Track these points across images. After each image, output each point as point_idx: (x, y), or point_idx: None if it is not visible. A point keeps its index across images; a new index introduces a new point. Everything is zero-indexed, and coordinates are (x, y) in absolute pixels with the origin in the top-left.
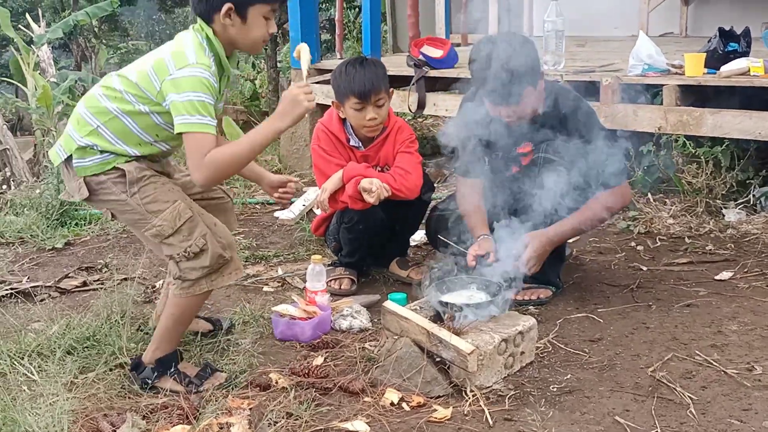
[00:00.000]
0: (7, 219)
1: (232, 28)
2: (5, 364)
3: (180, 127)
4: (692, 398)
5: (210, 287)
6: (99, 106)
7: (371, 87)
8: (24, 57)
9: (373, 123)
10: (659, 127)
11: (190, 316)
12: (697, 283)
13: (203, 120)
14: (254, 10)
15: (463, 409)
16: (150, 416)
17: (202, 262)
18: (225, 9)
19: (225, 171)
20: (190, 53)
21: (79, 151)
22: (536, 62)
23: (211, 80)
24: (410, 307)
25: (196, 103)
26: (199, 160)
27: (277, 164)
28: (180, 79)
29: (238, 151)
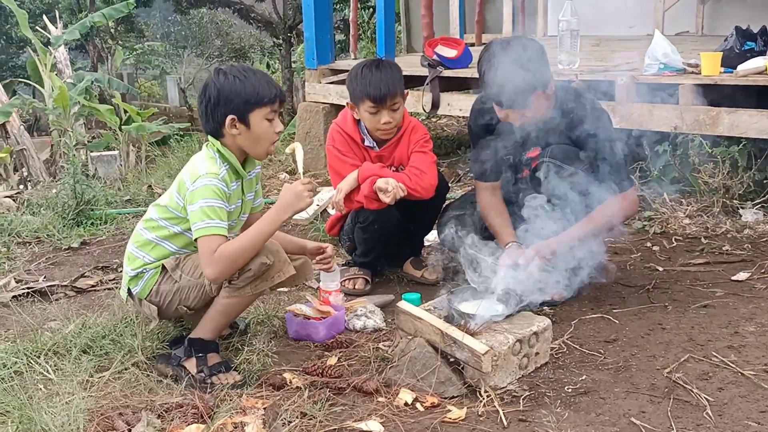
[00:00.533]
0: (24, 219)
1: (240, 137)
2: (22, 363)
3: (194, 233)
4: (709, 400)
5: (254, 291)
6: (142, 240)
7: (386, 91)
8: (41, 58)
9: (387, 127)
10: (675, 126)
11: (237, 312)
12: (713, 284)
13: (212, 223)
14: (255, 116)
15: (477, 409)
16: (165, 415)
17: (247, 274)
18: (229, 121)
19: (234, 263)
20: (201, 166)
21: (133, 280)
22: (545, 66)
23: (220, 186)
24: (424, 307)
25: (206, 209)
26: (209, 257)
27: (291, 164)
28: (193, 191)
29: (243, 244)
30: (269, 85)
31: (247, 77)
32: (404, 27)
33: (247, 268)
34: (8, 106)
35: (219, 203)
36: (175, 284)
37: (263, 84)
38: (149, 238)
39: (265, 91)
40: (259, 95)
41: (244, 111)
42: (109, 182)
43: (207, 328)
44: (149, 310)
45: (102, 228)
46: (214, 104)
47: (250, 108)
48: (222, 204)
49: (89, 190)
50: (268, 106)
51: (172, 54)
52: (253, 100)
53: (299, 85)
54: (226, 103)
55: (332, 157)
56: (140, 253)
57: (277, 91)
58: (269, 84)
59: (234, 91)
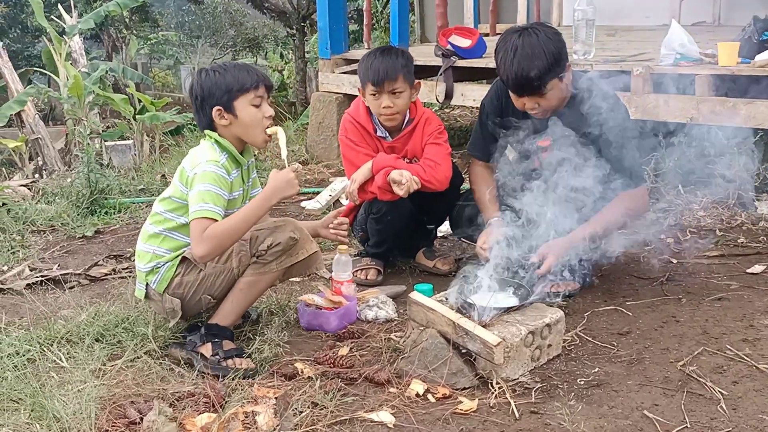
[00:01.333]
0: (39, 207)
1: (230, 126)
2: (35, 351)
3: (190, 216)
4: (723, 393)
5: (278, 267)
6: (149, 234)
7: (385, 75)
8: (56, 47)
9: (387, 111)
10: (691, 117)
11: (259, 292)
12: (728, 277)
13: (206, 207)
14: (239, 103)
15: (489, 401)
16: (177, 404)
17: (276, 248)
18: (215, 112)
19: (222, 243)
20: (201, 155)
21: (149, 275)
22: (563, 53)
23: (220, 173)
24: (436, 298)
25: (203, 193)
26: (198, 237)
27: (303, 154)
28: (195, 176)
29: (233, 224)
30: (249, 73)
31: (227, 70)
32: (418, 17)
33: (276, 242)
34: (23, 95)
35: (217, 189)
36: (200, 273)
37: (243, 73)
38: (156, 231)
39: (246, 78)
40: (239, 82)
41: (228, 100)
42: (123, 171)
43: (226, 312)
44: (172, 304)
45: (116, 217)
46: (200, 101)
47: (233, 96)
48: (220, 191)
49: (103, 179)
50: (251, 92)
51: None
52: (235, 87)
53: (312, 76)
54: (210, 96)
55: (345, 147)
56: (149, 247)
57: (258, 77)
58: (249, 72)
59: (215, 84)
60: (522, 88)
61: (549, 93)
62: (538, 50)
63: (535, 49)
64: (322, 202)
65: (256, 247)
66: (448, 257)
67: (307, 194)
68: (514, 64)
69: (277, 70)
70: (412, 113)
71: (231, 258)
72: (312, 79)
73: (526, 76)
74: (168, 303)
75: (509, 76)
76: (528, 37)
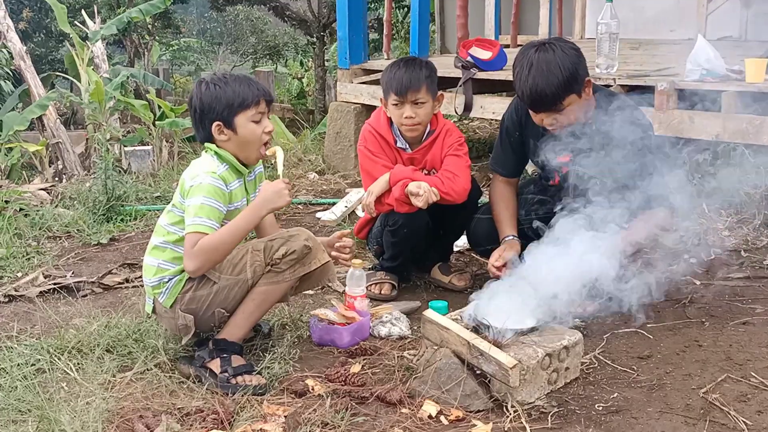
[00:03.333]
0: (55, 212)
1: (230, 142)
2: (45, 361)
3: (187, 228)
4: (747, 423)
5: (292, 276)
6: (154, 248)
7: (408, 85)
8: (78, 52)
9: (409, 122)
10: (717, 134)
11: (271, 303)
12: (753, 300)
13: (200, 221)
14: (239, 119)
15: (504, 425)
16: (185, 420)
17: (291, 256)
18: (215, 128)
19: (213, 257)
20: (199, 167)
21: (156, 290)
22: (580, 70)
23: (217, 185)
24: (451, 316)
25: (198, 207)
26: (189, 251)
27: (320, 164)
28: (192, 187)
29: (222, 237)
30: (250, 88)
31: (227, 83)
32: (438, 27)
33: (291, 250)
34: (45, 99)
35: (213, 202)
36: (213, 286)
37: (244, 87)
38: (160, 244)
39: (247, 93)
40: (240, 98)
41: (229, 116)
42: (142, 177)
43: (236, 325)
44: (185, 321)
45: (131, 224)
46: (200, 115)
47: (233, 112)
48: (216, 204)
49: (120, 186)
50: (252, 108)
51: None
52: (236, 104)
53: (332, 84)
54: (209, 111)
55: (364, 157)
56: (154, 260)
57: (259, 92)
58: (251, 86)
59: (215, 98)
60: (538, 105)
61: (566, 109)
62: (554, 66)
63: (551, 66)
64: (337, 213)
65: (271, 256)
66: (464, 273)
67: (323, 205)
68: (529, 81)
69: (297, 78)
70: (433, 125)
71: (245, 269)
72: (331, 87)
73: (541, 93)
74: (181, 319)
75: (524, 92)
76: (544, 53)
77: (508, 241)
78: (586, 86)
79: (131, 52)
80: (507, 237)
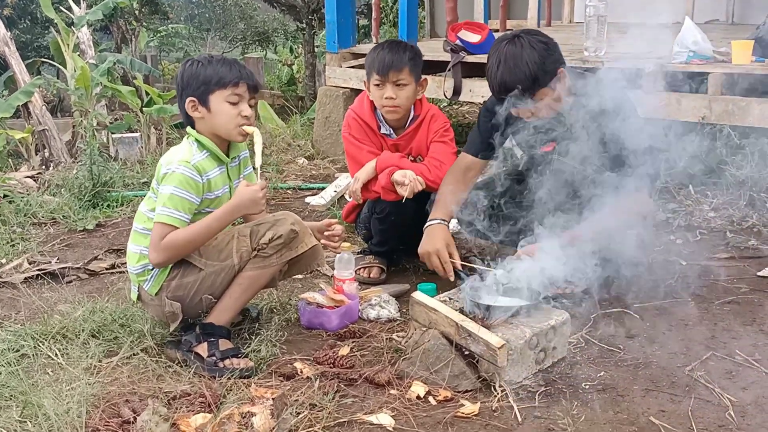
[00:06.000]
0: (40, 199)
1: (203, 120)
2: (28, 346)
3: (156, 216)
4: (732, 400)
5: (279, 261)
6: (135, 235)
7: (391, 65)
8: (64, 38)
9: (389, 102)
10: (703, 116)
11: (258, 287)
12: (738, 279)
13: (172, 213)
14: (215, 98)
15: (492, 404)
16: (172, 403)
17: (277, 241)
18: (188, 103)
19: (179, 253)
20: (175, 155)
21: (140, 277)
22: (548, 64)
23: (190, 175)
24: (439, 298)
25: (169, 197)
26: (156, 243)
27: (310, 149)
28: (164, 176)
29: (191, 236)
30: (232, 69)
31: (210, 62)
32: (428, 11)
33: (277, 235)
34: (30, 86)
35: (183, 193)
36: (200, 273)
37: (225, 67)
38: (139, 229)
39: (226, 73)
40: (218, 76)
41: (204, 93)
42: (130, 164)
43: (223, 309)
44: (172, 308)
45: (118, 210)
46: (180, 93)
47: (209, 90)
48: (187, 195)
49: (106, 172)
50: (229, 89)
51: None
52: (213, 81)
53: (322, 70)
54: (187, 87)
55: (349, 144)
56: (136, 247)
57: (241, 75)
58: (233, 68)
59: (194, 75)
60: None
61: (539, 103)
62: (521, 62)
63: (517, 61)
64: (326, 198)
65: (257, 241)
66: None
67: (312, 190)
68: (498, 76)
69: (287, 65)
70: (417, 110)
71: (231, 255)
72: (321, 73)
73: (509, 88)
74: (168, 307)
75: (494, 87)
76: (513, 46)
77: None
78: (560, 78)
79: (118, 39)
80: (434, 221)
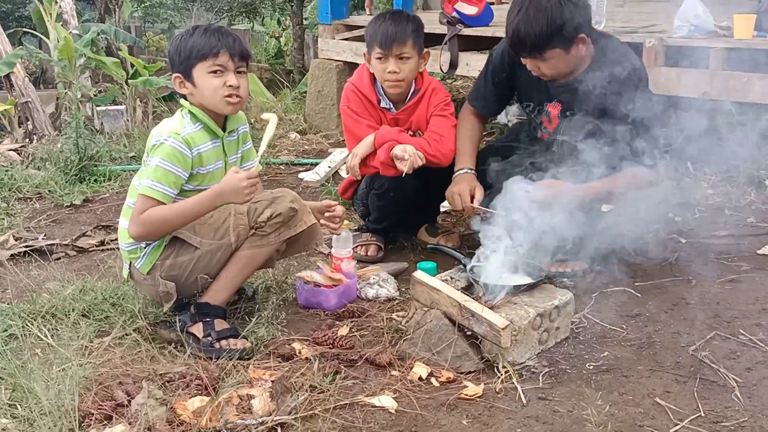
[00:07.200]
0: (25, 173)
1: (192, 96)
2: (17, 326)
3: (141, 188)
4: (737, 380)
5: (277, 239)
6: (127, 209)
7: (394, 37)
8: (46, 8)
9: (392, 77)
10: (704, 92)
11: (255, 266)
12: (738, 258)
13: (156, 186)
14: (197, 71)
15: (495, 386)
16: (167, 386)
17: (276, 219)
18: (174, 80)
19: (157, 230)
20: (166, 127)
21: (131, 254)
22: (570, 25)
23: (178, 148)
24: (441, 277)
25: (159, 170)
26: (136, 216)
27: (302, 124)
28: (153, 147)
29: (171, 215)
30: (211, 38)
31: (193, 35)
32: None
33: (276, 213)
34: (12, 57)
35: (169, 166)
36: (195, 252)
37: (204, 38)
38: (130, 204)
39: (205, 44)
40: (197, 48)
41: (186, 68)
42: (115, 138)
43: (219, 288)
44: (166, 288)
45: (105, 185)
46: (171, 68)
47: (191, 64)
48: (173, 168)
49: (92, 146)
50: (210, 60)
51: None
52: (193, 54)
53: (311, 43)
54: (173, 63)
55: (347, 117)
56: (128, 223)
57: (219, 43)
58: (212, 37)
59: (176, 50)
60: (516, 48)
61: (549, 61)
62: (542, 15)
63: (538, 13)
64: (320, 173)
65: (255, 219)
66: (452, 234)
67: (305, 165)
68: (514, 23)
69: (275, 37)
70: (418, 83)
71: (228, 233)
72: (310, 46)
73: (521, 38)
74: (162, 287)
75: (507, 32)
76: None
77: (461, 174)
78: (578, 43)
79: (101, 8)
80: (461, 170)
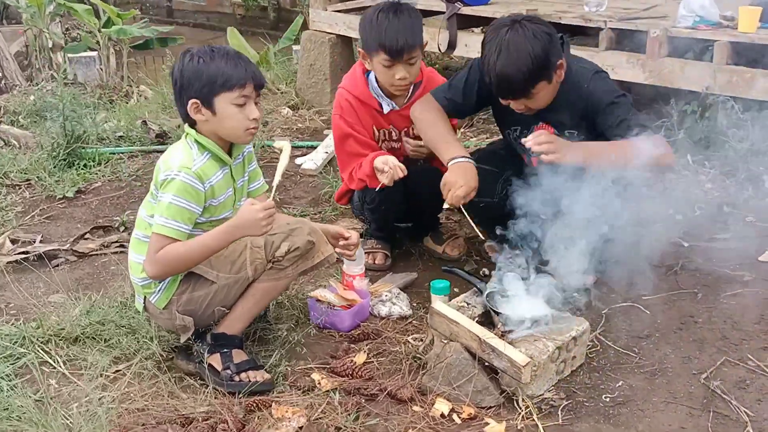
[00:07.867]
0: (9, 157)
1: (207, 123)
2: (27, 352)
3: (154, 226)
4: (749, 414)
5: (295, 272)
6: (135, 242)
7: (404, 44)
8: None
9: (402, 83)
10: (707, 86)
11: (272, 298)
12: (740, 265)
13: (170, 224)
14: (220, 100)
15: (516, 423)
16: (191, 429)
17: (294, 252)
18: (191, 106)
19: (174, 268)
20: (175, 160)
21: (145, 289)
22: (551, 55)
23: (191, 183)
24: (457, 302)
25: (172, 207)
26: (152, 255)
27: (293, 98)
28: (164, 181)
29: (188, 253)
30: (238, 67)
31: (213, 58)
32: None
33: (294, 247)
34: None
35: (184, 203)
36: (212, 286)
37: (230, 65)
38: (140, 237)
39: (232, 73)
40: (224, 77)
41: (208, 94)
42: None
43: (236, 319)
44: (183, 322)
45: (96, 171)
46: (179, 89)
47: (214, 91)
48: (188, 204)
49: (79, 126)
50: (236, 90)
51: None
52: (218, 82)
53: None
54: (188, 86)
55: (339, 134)
56: (140, 257)
57: (247, 74)
58: (238, 65)
59: (196, 73)
60: (505, 92)
61: (536, 96)
62: (524, 54)
63: (520, 53)
64: (317, 161)
65: (272, 253)
66: (457, 239)
67: (302, 149)
68: (497, 68)
69: None
70: (418, 77)
71: (245, 266)
72: None
73: (510, 82)
74: (179, 320)
75: (492, 78)
76: (515, 34)
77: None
78: (557, 69)
79: None
80: (459, 158)
